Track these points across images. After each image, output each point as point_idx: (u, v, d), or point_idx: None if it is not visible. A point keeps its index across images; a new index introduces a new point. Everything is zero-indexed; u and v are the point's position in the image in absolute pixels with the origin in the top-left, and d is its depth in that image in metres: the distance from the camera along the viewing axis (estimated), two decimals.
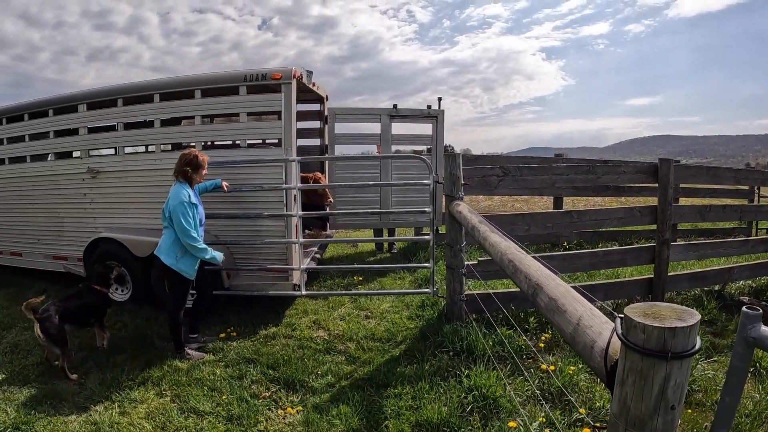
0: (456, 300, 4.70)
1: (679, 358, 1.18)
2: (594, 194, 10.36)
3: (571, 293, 1.77)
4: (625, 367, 1.26)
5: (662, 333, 1.17)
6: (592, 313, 1.59)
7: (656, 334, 1.17)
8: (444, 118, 7.36)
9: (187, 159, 4.43)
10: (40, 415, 3.64)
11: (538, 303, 1.94)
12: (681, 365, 1.20)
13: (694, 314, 1.22)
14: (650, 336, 1.18)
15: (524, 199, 17.01)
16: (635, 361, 1.22)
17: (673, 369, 1.20)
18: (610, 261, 5.33)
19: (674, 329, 1.16)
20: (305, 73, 5.69)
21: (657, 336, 1.17)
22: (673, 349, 1.17)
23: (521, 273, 2.18)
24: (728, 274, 5.75)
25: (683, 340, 1.18)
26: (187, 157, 4.43)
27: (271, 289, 5.35)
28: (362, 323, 5.22)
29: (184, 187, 4.40)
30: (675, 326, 1.16)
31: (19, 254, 7.03)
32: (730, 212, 6.36)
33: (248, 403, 3.72)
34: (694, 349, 1.20)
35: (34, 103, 6.53)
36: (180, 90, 5.60)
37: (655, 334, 1.18)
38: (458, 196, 4.55)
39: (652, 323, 1.18)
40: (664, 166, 5.08)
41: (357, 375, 4.10)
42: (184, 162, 4.42)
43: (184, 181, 4.42)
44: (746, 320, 1.30)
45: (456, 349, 4.23)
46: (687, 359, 1.20)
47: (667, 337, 1.17)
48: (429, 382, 3.79)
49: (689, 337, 1.18)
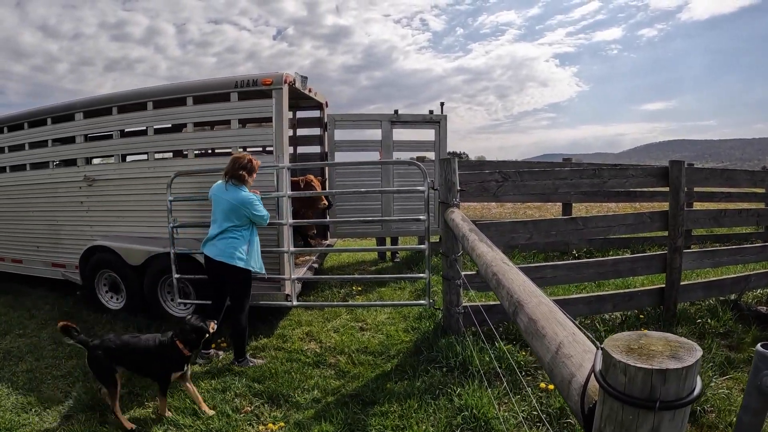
0: (453, 312, 4.46)
1: (671, 408, 0.92)
2: (606, 200, 10.09)
3: (554, 314, 1.52)
4: (602, 414, 1.01)
5: (649, 376, 0.90)
6: (575, 339, 1.34)
7: (641, 378, 0.91)
8: (447, 123, 7.14)
9: (242, 163, 4.43)
10: (24, 422, 3.66)
11: (518, 324, 1.69)
12: (673, 417, 0.94)
13: (693, 350, 0.95)
14: (633, 379, 0.92)
15: (537, 206, 16.65)
16: (614, 408, 0.97)
17: (663, 421, 0.93)
18: (620, 270, 5.05)
19: (665, 372, 0.90)
20: (299, 78, 5.56)
21: (642, 379, 0.91)
22: (663, 397, 0.91)
23: (504, 288, 1.93)
24: (745, 283, 5.46)
25: (677, 385, 0.91)
26: (241, 162, 4.43)
27: (262, 299, 5.19)
28: (356, 336, 5.02)
29: (243, 188, 4.45)
30: (666, 368, 0.89)
31: (19, 261, 7.09)
32: (746, 217, 6.04)
33: (229, 417, 3.58)
34: (692, 396, 0.93)
35: (33, 111, 6.58)
36: (172, 97, 5.53)
37: (639, 376, 0.91)
38: (453, 202, 4.32)
39: (635, 363, 0.91)
40: (675, 168, 4.81)
41: (344, 391, 3.90)
42: (238, 166, 4.42)
43: (240, 184, 4.43)
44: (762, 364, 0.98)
45: (450, 364, 4.00)
46: (682, 409, 0.93)
47: (655, 382, 0.90)
48: (418, 400, 3.57)
49: (685, 381, 0.92)
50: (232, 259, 4.33)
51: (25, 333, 5.50)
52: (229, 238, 4.36)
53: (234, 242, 4.35)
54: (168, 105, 5.60)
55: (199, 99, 5.39)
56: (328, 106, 7.45)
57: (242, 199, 4.34)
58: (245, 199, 4.34)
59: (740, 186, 6.49)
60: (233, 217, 4.35)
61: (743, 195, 10.89)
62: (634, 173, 5.05)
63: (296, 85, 5.48)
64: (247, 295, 4.52)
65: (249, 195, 4.39)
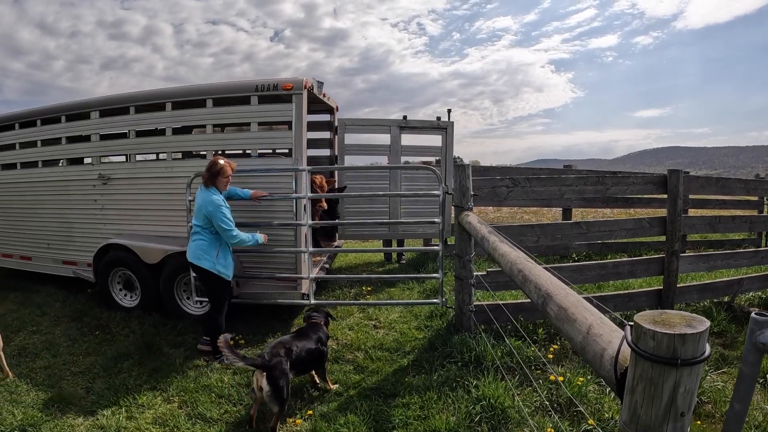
0: (465, 311, 4.69)
1: (689, 364, 1.17)
2: (603, 206, 10.34)
3: (582, 302, 1.77)
4: (635, 374, 1.26)
5: (672, 340, 1.17)
6: (602, 322, 1.59)
7: (666, 341, 1.17)
8: (453, 129, 7.38)
9: (209, 165, 4.62)
10: (47, 418, 3.69)
11: (548, 312, 1.93)
12: (691, 372, 1.19)
13: (703, 321, 1.22)
14: (660, 343, 1.18)
15: (533, 211, 16.95)
16: (645, 368, 1.22)
17: (683, 376, 1.19)
18: (620, 272, 5.30)
19: (684, 336, 1.16)
20: (316, 83, 5.74)
21: (667, 343, 1.17)
22: (683, 356, 1.17)
23: (531, 283, 2.18)
24: (738, 286, 5.70)
25: (693, 347, 1.17)
26: (209, 164, 4.63)
27: (279, 297, 5.38)
28: (371, 333, 5.23)
29: (212, 191, 4.56)
30: (685, 333, 1.16)
31: (29, 258, 7.11)
32: (739, 223, 6.32)
33: None
34: (704, 356, 1.19)
35: (47, 109, 6.62)
36: (192, 99, 5.67)
37: (665, 341, 1.17)
38: (468, 206, 4.56)
39: (662, 330, 1.18)
40: (674, 177, 5.07)
41: (365, 384, 4.10)
42: (206, 169, 4.62)
43: (207, 185, 4.58)
44: (755, 326, 1.29)
45: (464, 359, 4.23)
46: (697, 366, 1.19)
47: (677, 344, 1.17)
48: (437, 392, 3.79)
49: (699, 344, 1.18)
50: (199, 260, 4.53)
51: (39, 330, 5.52)
52: (197, 239, 4.57)
53: (201, 243, 4.54)
54: (187, 106, 5.73)
55: (219, 101, 5.54)
56: (338, 110, 7.64)
57: (203, 200, 4.49)
58: (206, 200, 4.48)
59: (734, 194, 6.76)
60: (199, 217, 4.54)
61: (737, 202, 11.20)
62: (635, 181, 5.31)
63: (314, 90, 5.66)
64: (218, 296, 4.68)
65: (211, 197, 4.50)
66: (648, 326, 1.20)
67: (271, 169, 5.57)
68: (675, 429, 1.25)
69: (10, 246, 7.34)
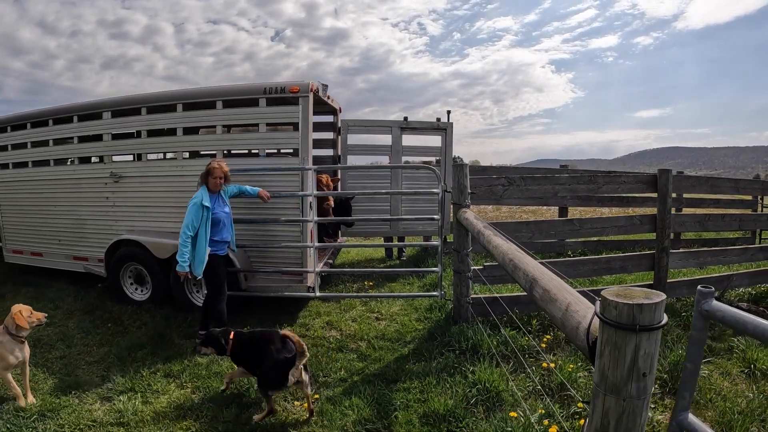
0: (462, 302, 4.93)
1: (647, 330, 1.41)
2: (600, 205, 10.55)
3: (563, 285, 2.00)
4: (602, 340, 1.49)
5: (631, 309, 1.40)
6: (579, 301, 1.83)
7: (626, 310, 1.41)
8: (453, 130, 7.60)
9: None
10: (65, 404, 3.86)
11: (534, 295, 2.16)
12: (649, 337, 1.42)
13: (660, 295, 1.45)
14: (621, 312, 1.41)
15: (532, 210, 17.19)
16: (610, 334, 1.45)
17: (642, 340, 1.42)
18: (612, 267, 5.53)
19: (641, 305, 1.40)
20: (321, 86, 5.98)
21: (627, 312, 1.41)
22: (641, 323, 1.40)
23: (520, 270, 2.41)
24: (727, 281, 5.91)
25: (650, 315, 1.40)
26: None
27: (286, 290, 5.62)
28: (373, 324, 5.46)
29: (201, 190, 4.85)
30: (642, 303, 1.40)
31: (39, 254, 7.32)
32: (729, 221, 6.51)
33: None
34: (661, 324, 1.42)
35: (60, 109, 6.81)
36: (203, 100, 5.89)
37: (625, 310, 1.41)
38: (465, 204, 4.80)
39: (623, 301, 1.41)
40: (663, 176, 5.30)
41: (368, 371, 4.34)
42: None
43: (203, 185, 4.89)
44: (701, 297, 1.52)
45: (462, 348, 4.46)
46: (654, 332, 1.42)
47: (635, 313, 1.40)
48: (436, 377, 4.03)
49: (655, 313, 1.41)
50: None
51: (53, 322, 5.64)
52: None
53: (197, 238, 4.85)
54: (198, 108, 5.94)
55: (229, 103, 5.77)
56: (341, 112, 7.87)
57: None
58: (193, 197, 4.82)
59: (724, 193, 6.96)
60: None
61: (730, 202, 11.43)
62: (626, 180, 5.55)
63: (319, 93, 5.89)
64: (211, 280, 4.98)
65: (195, 195, 4.82)
66: (611, 298, 1.44)
67: (279, 168, 5.81)
68: (638, 388, 1.48)
69: (22, 242, 7.54)
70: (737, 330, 1.40)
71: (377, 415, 3.61)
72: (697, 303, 1.52)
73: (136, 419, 3.65)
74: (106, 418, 3.67)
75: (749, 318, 1.36)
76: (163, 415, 3.71)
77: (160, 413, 3.73)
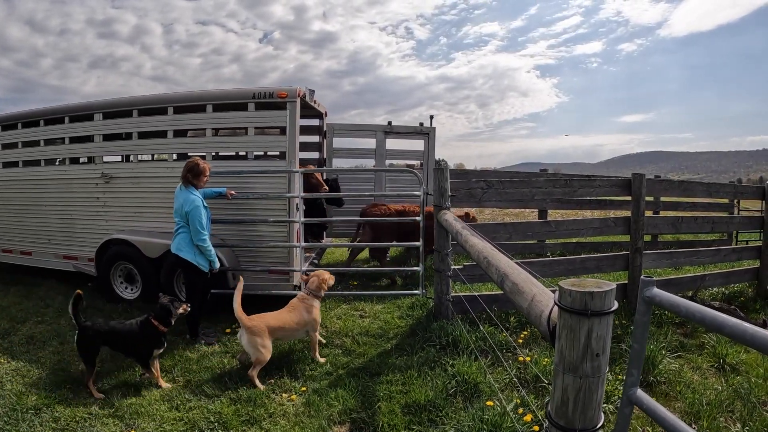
0: (443, 300, 5.13)
1: (598, 315, 1.60)
2: (579, 208, 10.81)
3: (530, 279, 2.21)
4: (560, 324, 1.69)
5: (583, 296, 1.60)
6: (543, 292, 2.03)
7: (579, 297, 1.60)
8: (435, 134, 7.82)
9: (189, 166, 4.98)
10: (60, 398, 3.98)
11: (505, 288, 2.37)
12: (600, 321, 1.62)
13: (610, 284, 1.65)
14: (575, 299, 1.61)
15: (515, 213, 17.48)
16: (566, 318, 1.65)
17: (594, 324, 1.62)
18: (587, 267, 5.74)
19: (592, 293, 1.59)
20: (308, 92, 6.16)
21: (580, 298, 1.60)
22: (593, 308, 1.60)
23: (493, 266, 2.62)
24: (701, 281, 6.14)
25: (600, 302, 1.60)
26: (189, 165, 4.99)
27: (273, 289, 5.79)
28: (357, 321, 5.65)
29: (192, 191, 4.94)
30: (593, 291, 1.59)
31: (29, 253, 7.36)
32: (702, 223, 6.73)
33: (254, 387, 4.11)
34: (611, 310, 1.62)
35: (51, 109, 6.89)
36: (193, 104, 6.03)
37: (578, 297, 1.60)
38: (445, 206, 5.01)
39: (576, 289, 1.61)
40: (637, 180, 5.54)
41: (353, 365, 4.52)
42: (186, 170, 4.97)
43: (190, 186, 4.96)
44: (643, 285, 1.73)
45: (442, 343, 4.67)
46: (605, 317, 1.62)
47: (587, 299, 1.59)
48: (417, 370, 4.24)
49: (605, 300, 1.60)
50: (180, 251, 4.96)
51: (44, 320, 5.76)
52: (181, 233, 4.99)
53: (185, 237, 4.97)
54: (188, 111, 6.07)
55: (219, 107, 5.92)
56: (327, 116, 8.04)
57: (184, 199, 4.87)
58: (186, 199, 4.86)
59: (697, 196, 7.18)
60: (180, 214, 4.92)
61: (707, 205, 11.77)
62: (601, 183, 5.78)
63: (306, 98, 6.07)
64: (195, 286, 5.12)
65: (190, 197, 4.88)
66: (567, 287, 1.64)
67: (267, 170, 5.96)
68: (593, 367, 1.67)
69: (11, 241, 7.57)
70: (673, 312, 1.60)
71: (361, 405, 3.79)
72: (641, 291, 1.72)
73: (131, 412, 3.77)
74: (102, 411, 3.78)
75: (683, 302, 1.56)
76: (156, 407, 3.84)
77: (153, 406, 3.86)
